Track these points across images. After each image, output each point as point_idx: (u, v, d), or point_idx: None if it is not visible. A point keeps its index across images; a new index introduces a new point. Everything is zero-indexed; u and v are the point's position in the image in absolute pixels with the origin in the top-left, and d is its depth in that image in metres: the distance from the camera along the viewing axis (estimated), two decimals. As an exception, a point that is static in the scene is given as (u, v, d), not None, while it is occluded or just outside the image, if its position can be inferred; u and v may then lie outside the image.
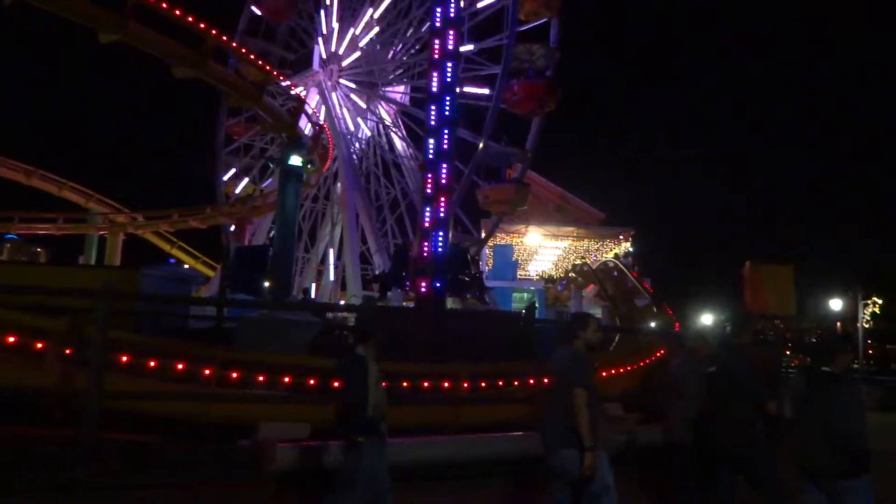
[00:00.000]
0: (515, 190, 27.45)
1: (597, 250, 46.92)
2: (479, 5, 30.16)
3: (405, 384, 9.18)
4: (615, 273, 31.44)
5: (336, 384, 6.80)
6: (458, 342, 12.83)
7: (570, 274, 36.45)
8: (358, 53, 36.04)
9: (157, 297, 13.34)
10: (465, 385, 9.58)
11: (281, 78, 26.07)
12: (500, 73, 27.38)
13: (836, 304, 35.99)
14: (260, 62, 24.02)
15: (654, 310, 24.70)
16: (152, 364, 8.24)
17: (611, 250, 45.20)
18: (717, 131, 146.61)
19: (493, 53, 29.11)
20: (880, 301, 33.04)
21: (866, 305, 33.13)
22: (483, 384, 9.88)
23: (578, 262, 39.86)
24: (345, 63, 36.20)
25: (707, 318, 52.95)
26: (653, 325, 24.22)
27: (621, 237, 47.52)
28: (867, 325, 32.99)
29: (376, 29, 35.71)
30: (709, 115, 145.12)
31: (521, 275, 46.43)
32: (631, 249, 44.33)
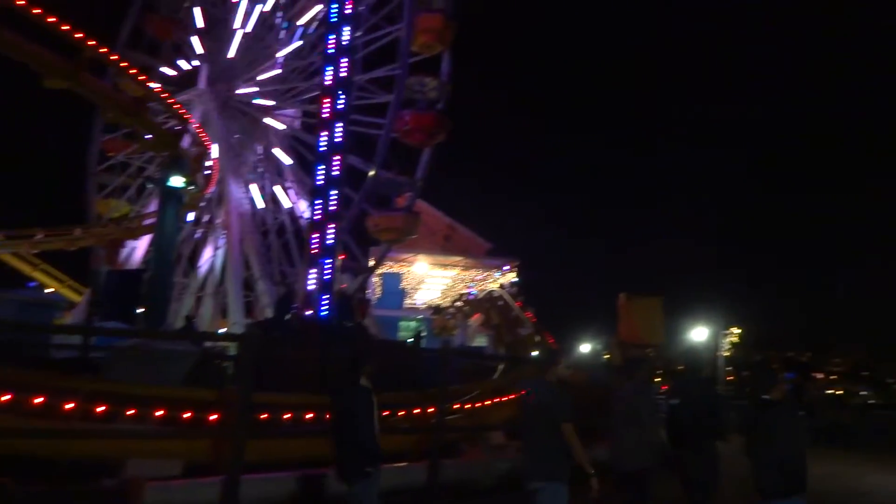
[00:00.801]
0: (405, 218, 27.65)
1: (483, 280, 47.94)
2: (373, 35, 30.45)
3: (287, 416, 8.94)
4: (500, 303, 32.22)
5: (329, 415, 6.73)
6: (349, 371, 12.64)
7: (457, 303, 36.99)
8: (246, 73, 35.27)
9: (15, 324, 12.33)
10: (350, 416, 9.48)
11: (164, 94, 25.03)
12: (391, 102, 27.68)
13: (699, 334, 38.74)
14: (141, 77, 22.98)
15: (536, 338, 25.49)
16: (6, 398, 7.56)
17: (497, 280, 46.33)
18: (600, 166, 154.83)
19: (386, 83, 29.41)
20: (738, 331, 35.83)
21: (726, 335, 35.78)
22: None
23: (465, 291, 40.54)
24: (235, 83, 35.30)
25: (585, 347, 55.34)
26: (535, 353, 24.97)
27: (507, 267, 48.83)
28: (726, 354, 35.59)
29: (267, 49, 35.16)
30: (594, 151, 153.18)
31: (408, 303, 46.60)
32: (516, 279, 45.64)
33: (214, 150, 32.56)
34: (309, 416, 9.19)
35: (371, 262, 31.63)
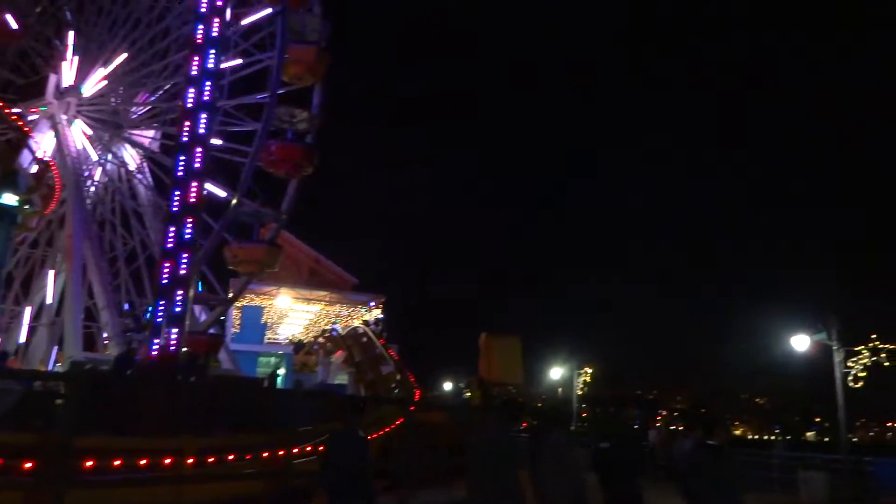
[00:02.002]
0: (266, 251, 26.61)
1: (348, 316, 47.23)
2: (242, 60, 29.64)
3: (117, 462, 8.15)
4: (364, 339, 31.72)
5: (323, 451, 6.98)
6: (193, 413, 11.84)
7: (320, 339, 36.04)
8: (102, 88, 33.07)
9: None
10: (191, 461, 8.78)
11: (0, 104, 22.89)
12: (259, 131, 26.88)
13: (555, 373, 40.24)
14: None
15: (398, 377, 25.25)
16: None
17: (361, 316, 45.81)
18: (461, 208, 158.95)
19: (254, 110, 28.60)
20: (591, 370, 37.56)
21: (580, 374, 37.39)
22: (211, 459, 9.15)
23: (328, 327, 39.67)
24: (86, 97, 32.93)
25: (447, 385, 55.58)
26: (396, 391, 24.72)
27: (372, 304, 48.46)
28: (581, 392, 37.15)
29: (127, 67, 33.22)
30: (454, 194, 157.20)
31: (270, 338, 44.85)
32: (381, 316, 45.35)
33: (59, 168, 30.14)
34: (143, 462, 8.45)
35: (230, 294, 30.20)
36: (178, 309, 17.01)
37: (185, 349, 17.49)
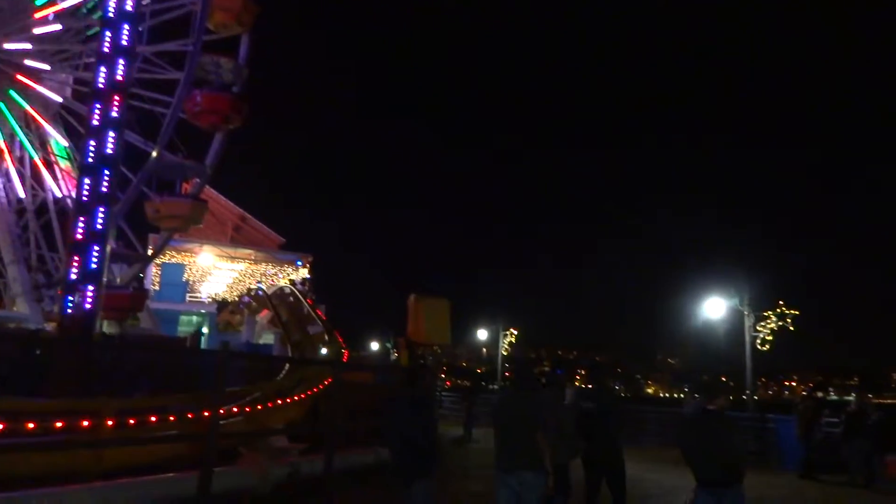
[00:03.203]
0: (191, 206, 25.62)
1: (274, 275, 46.43)
2: (164, 4, 28.01)
3: (31, 425, 7.76)
4: (291, 299, 31.23)
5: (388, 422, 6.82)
6: (112, 373, 11.44)
7: (245, 298, 35.27)
8: (10, 28, 30.70)
9: None
10: (110, 423, 8.47)
11: None
12: (181, 80, 25.59)
13: (482, 334, 40.98)
14: None
15: (326, 337, 25.05)
16: None
17: (288, 275, 45.10)
18: (390, 169, 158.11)
19: (177, 58, 27.17)
20: (515, 331, 38.39)
21: (505, 335, 38.16)
22: (132, 421, 8.85)
23: (254, 286, 38.86)
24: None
25: (374, 345, 55.72)
26: (324, 352, 24.56)
27: (299, 263, 47.77)
28: (505, 353, 37.97)
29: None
30: (384, 153, 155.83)
31: (192, 297, 43.65)
32: (308, 276, 44.75)
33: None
34: (59, 424, 8.08)
35: (150, 251, 29.06)
36: (93, 265, 16.20)
37: (99, 331, 16.68)
